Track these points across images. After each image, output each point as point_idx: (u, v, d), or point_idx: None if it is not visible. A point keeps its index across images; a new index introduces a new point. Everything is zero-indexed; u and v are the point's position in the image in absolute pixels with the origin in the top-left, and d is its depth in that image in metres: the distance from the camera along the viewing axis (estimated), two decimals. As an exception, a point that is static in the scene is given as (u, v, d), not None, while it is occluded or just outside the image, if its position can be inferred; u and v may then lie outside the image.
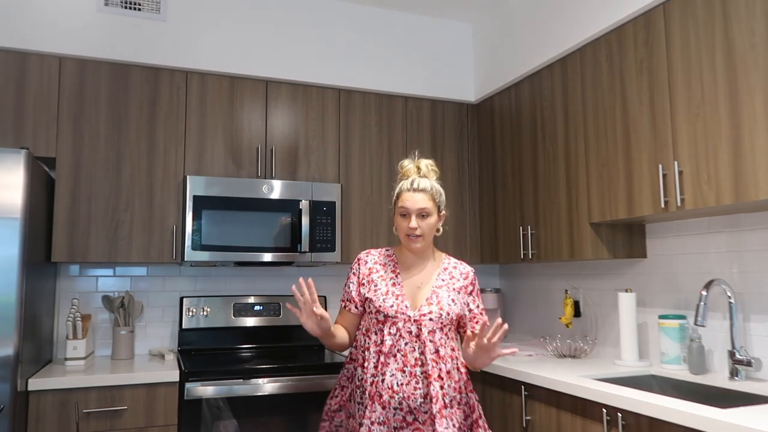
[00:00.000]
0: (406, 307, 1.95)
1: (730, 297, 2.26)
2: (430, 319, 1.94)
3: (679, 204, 2.17)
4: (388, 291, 1.98)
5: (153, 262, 2.91)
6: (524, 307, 3.56)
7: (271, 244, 2.95)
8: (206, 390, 2.53)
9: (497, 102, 3.37)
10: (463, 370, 2.02)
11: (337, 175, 3.21)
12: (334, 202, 3.08)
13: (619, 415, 1.97)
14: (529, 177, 3.05)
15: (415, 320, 1.94)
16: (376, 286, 2.01)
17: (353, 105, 3.29)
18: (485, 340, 1.78)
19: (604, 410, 2.03)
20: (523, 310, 3.57)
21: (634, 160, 2.38)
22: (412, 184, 1.98)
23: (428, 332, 1.93)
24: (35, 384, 2.35)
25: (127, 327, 2.92)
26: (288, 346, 3.25)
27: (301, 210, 3.01)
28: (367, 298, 2.00)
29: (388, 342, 1.91)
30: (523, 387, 2.46)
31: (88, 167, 2.79)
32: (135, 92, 2.90)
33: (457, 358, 1.99)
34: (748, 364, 2.17)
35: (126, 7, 2.92)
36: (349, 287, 2.07)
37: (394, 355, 1.90)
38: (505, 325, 1.76)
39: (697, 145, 2.12)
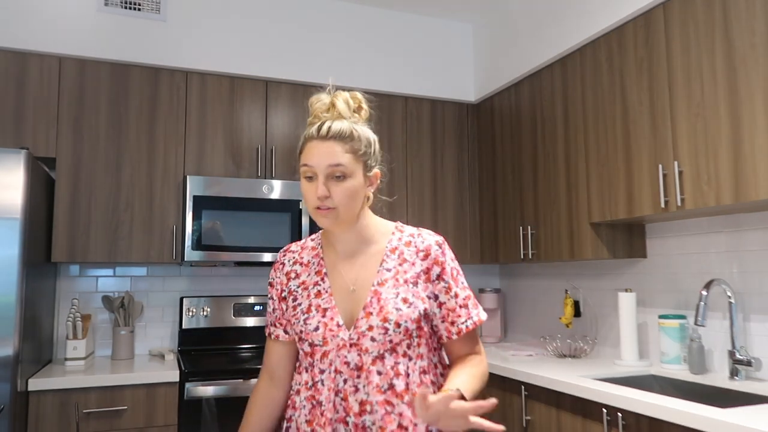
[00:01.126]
0: (338, 326, 1.28)
1: (730, 297, 2.26)
2: (372, 339, 1.25)
3: (679, 204, 2.16)
4: (310, 306, 1.33)
5: (153, 262, 2.91)
6: (524, 307, 3.56)
7: (271, 244, 2.95)
8: (206, 390, 2.53)
9: (497, 102, 3.37)
10: None
11: (337, 175, 3.21)
12: (334, 202, 3.07)
13: (619, 415, 1.97)
14: (529, 177, 3.05)
15: (352, 344, 1.26)
16: (295, 300, 1.36)
17: (353, 105, 3.28)
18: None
19: (604, 410, 2.03)
20: (523, 310, 3.57)
21: (634, 160, 2.38)
22: (319, 129, 1.29)
23: (372, 360, 1.25)
24: (35, 384, 2.35)
25: (127, 327, 2.92)
26: (288, 346, 3.25)
27: (301, 210, 3.01)
28: (288, 322, 1.38)
29: (321, 383, 1.28)
30: (523, 387, 2.46)
31: (88, 167, 2.79)
32: (135, 92, 2.90)
33: (434, 383, 1.32)
34: (748, 364, 2.17)
35: (126, 7, 2.92)
36: (270, 307, 1.44)
37: (332, 402, 1.26)
38: (501, 427, 1.07)
39: (697, 145, 2.11)
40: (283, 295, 1.39)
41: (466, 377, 1.25)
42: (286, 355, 1.40)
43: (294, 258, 1.42)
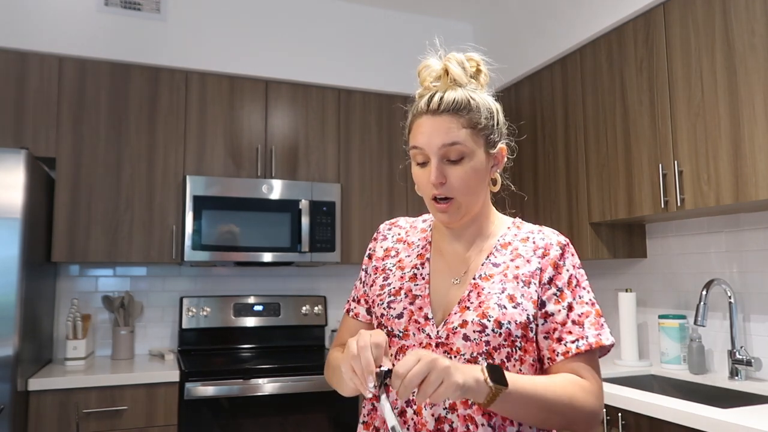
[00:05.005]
0: (426, 318, 1.07)
1: (730, 297, 2.26)
2: (465, 338, 1.04)
3: (679, 204, 2.16)
4: (401, 288, 1.13)
5: (153, 262, 2.91)
6: (524, 307, 3.55)
7: (271, 244, 2.95)
8: (206, 390, 2.53)
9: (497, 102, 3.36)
10: None
11: (337, 175, 3.21)
12: (334, 202, 3.08)
13: (619, 415, 1.97)
14: (529, 177, 3.05)
15: (439, 343, 1.05)
16: (385, 279, 1.16)
17: (353, 105, 3.29)
18: None
19: (604, 410, 2.03)
20: (523, 310, 3.56)
21: (634, 160, 2.38)
22: (429, 102, 1.10)
23: (465, 363, 1.01)
24: (35, 384, 2.35)
25: (127, 327, 2.92)
26: (288, 346, 3.25)
27: (301, 210, 3.01)
28: (369, 301, 1.21)
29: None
30: (523, 387, 2.45)
31: (88, 167, 2.79)
32: (135, 92, 2.90)
33: None
34: (748, 363, 2.17)
35: (126, 7, 2.92)
36: (359, 279, 1.26)
37: (402, 412, 1.05)
38: None
39: (697, 145, 2.11)
40: (373, 270, 1.21)
41: (545, 378, 1.01)
42: None
43: (399, 234, 1.23)
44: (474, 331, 1.03)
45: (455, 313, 1.06)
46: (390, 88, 3.37)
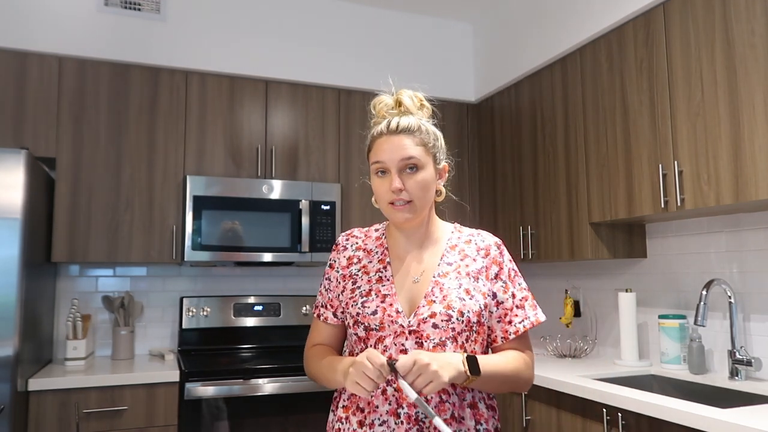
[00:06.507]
0: (397, 312, 1.29)
1: (730, 297, 2.26)
2: (434, 326, 1.26)
3: (679, 204, 2.17)
4: (370, 290, 1.33)
5: (153, 262, 2.91)
6: (524, 307, 3.55)
7: (271, 244, 2.95)
8: (206, 390, 2.53)
9: (497, 102, 3.37)
10: (494, 405, 1.36)
11: (337, 175, 3.21)
12: (334, 202, 3.08)
13: (619, 415, 1.97)
14: (529, 177, 3.05)
15: (412, 330, 1.27)
16: (354, 283, 1.37)
17: (353, 105, 3.29)
18: None
19: (604, 410, 2.03)
20: (523, 310, 3.56)
21: (634, 160, 2.38)
22: (388, 124, 1.34)
23: (432, 348, 1.26)
24: (35, 384, 2.35)
25: (127, 327, 2.92)
26: (288, 346, 3.25)
27: (301, 210, 3.01)
28: (341, 304, 1.40)
29: None
30: (523, 387, 2.46)
31: (88, 167, 2.79)
32: (135, 92, 2.90)
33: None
34: (748, 363, 2.17)
35: (126, 7, 2.92)
36: (324, 287, 1.44)
37: (383, 391, 1.26)
38: None
39: (697, 145, 2.12)
40: (340, 278, 1.40)
41: (493, 356, 1.30)
42: (333, 335, 1.43)
43: (357, 243, 1.44)
44: (442, 320, 1.27)
45: (423, 306, 1.29)
46: (390, 88, 3.36)
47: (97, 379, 2.44)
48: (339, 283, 1.40)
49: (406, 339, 1.27)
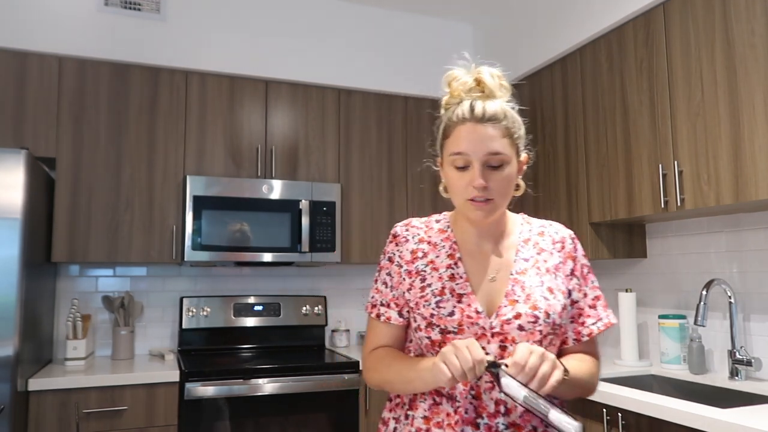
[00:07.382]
0: (477, 313, 1.16)
1: (730, 297, 2.26)
2: (520, 328, 1.14)
3: (679, 204, 2.16)
4: (443, 289, 1.19)
5: (153, 262, 2.91)
6: (524, 307, 3.55)
7: (271, 244, 2.95)
8: (206, 390, 2.53)
9: (497, 102, 3.36)
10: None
11: (337, 175, 3.21)
12: (334, 202, 3.08)
13: (619, 414, 1.97)
14: (529, 177, 3.05)
15: (495, 333, 1.15)
16: (423, 281, 1.21)
17: (353, 105, 3.29)
18: None
19: (604, 410, 2.03)
20: (523, 310, 3.56)
21: (634, 160, 2.38)
22: (472, 110, 1.17)
23: None
24: (35, 384, 2.35)
25: (127, 327, 2.92)
26: (288, 346, 3.25)
27: (301, 210, 3.01)
28: (409, 303, 1.23)
29: None
30: (523, 387, 2.46)
31: (88, 167, 2.79)
32: (135, 92, 2.90)
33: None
34: (748, 363, 2.17)
35: (126, 7, 2.92)
36: (382, 283, 1.28)
37: (455, 400, 1.15)
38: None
39: (697, 145, 2.12)
40: (405, 273, 1.24)
41: (573, 361, 1.18)
42: (397, 337, 1.26)
43: (419, 235, 1.28)
44: (528, 322, 1.15)
45: (505, 306, 1.16)
46: (390, 88, 3.37)
47: (97, 379, 2.44)
48: (404, 279, 1.23)
49: (489, 342, 1.14)
